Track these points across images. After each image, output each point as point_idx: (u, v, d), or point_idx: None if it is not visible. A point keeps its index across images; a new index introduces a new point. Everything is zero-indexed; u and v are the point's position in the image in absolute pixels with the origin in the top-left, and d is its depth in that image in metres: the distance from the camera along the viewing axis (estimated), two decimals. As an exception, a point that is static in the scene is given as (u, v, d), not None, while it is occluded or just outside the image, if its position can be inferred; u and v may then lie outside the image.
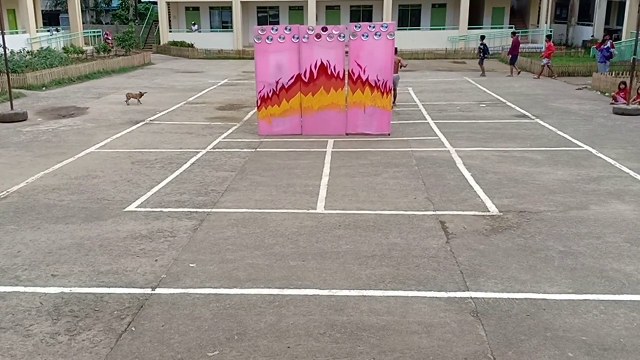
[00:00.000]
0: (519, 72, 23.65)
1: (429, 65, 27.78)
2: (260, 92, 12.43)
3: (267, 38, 12.11)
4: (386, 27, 12.03)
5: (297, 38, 12.09)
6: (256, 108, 12.85)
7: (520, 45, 24.89)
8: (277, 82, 12.28)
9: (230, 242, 6.79)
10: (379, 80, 12.13)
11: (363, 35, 11.94)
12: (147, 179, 9.40)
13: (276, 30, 12.23)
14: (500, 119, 14.35)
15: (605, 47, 20.87)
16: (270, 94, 12.38)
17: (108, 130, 13.34)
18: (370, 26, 12.09)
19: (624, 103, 15.48)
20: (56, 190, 8.83)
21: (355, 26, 12.13)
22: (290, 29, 12.22)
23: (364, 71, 12.10)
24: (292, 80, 12.27)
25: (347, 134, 12.45)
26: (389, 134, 12.40)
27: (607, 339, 4.74)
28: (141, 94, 20.37)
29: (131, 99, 19.90)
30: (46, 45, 29.17)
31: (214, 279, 5.85)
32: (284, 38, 12.10)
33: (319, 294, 5.51)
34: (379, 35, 11.92)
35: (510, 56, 24.17)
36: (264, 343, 4.72)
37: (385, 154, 10.88)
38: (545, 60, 22.67)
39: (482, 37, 25.05)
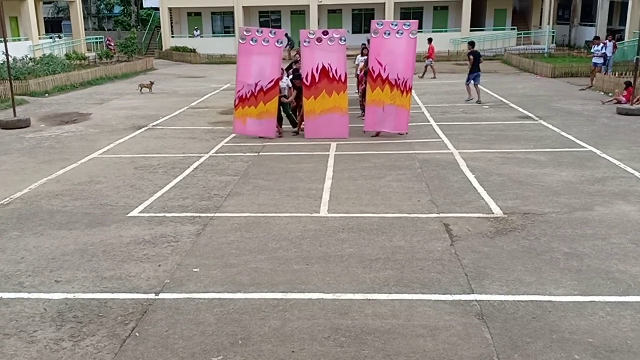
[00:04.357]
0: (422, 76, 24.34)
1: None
2: (239, 92, 12.50)
3: (252, 40, 12.18)
4: (409, 25, 11.98)
5: (282, 43, 12.22)
6: (234, 107, 12.86)
7: (526, 47, 24.91)
8: (256, 85, 12.28)
9: (234, 246, 6.77)
10: (399, 79, 12.05)
11: (385, 34, 11.90)
12: (150, 184, 9.40)
13: (261, 32, 12.28)
14: (504, 120, 14.31)
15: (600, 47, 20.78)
16: (248, 95, 12.40)
17: (111, 136, 13.36)
18: (392, 24, 12.05)
19: (617, 101, 15.71)
20: (59, 197, 8.84)
21: (378, 24, 12.11)
22: (275, 33, 12.28)
23: (385, 69, 12.02)
24: (272, 84, 12.26)
25: (364, 132, 12.45)
26: (406, 134, 12.37)
27: (613, 341, 4.70)
28: (152, 83, 20.77)
29: (144, 88, 20.31)
30: (49, 52, 29.25)
31: (217, 283, 5.83)
32: (268, 41, 12.14)
33: (324, 298, 5.49)
34: (402, 33, 11.87)
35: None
36: (268, 348, 4.70)
37: (389, 156, 10.86)
38: (428, 61, 24.02)
39: (364, 45, 25.33)
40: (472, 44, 18.05)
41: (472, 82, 17.18)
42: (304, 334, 4.88)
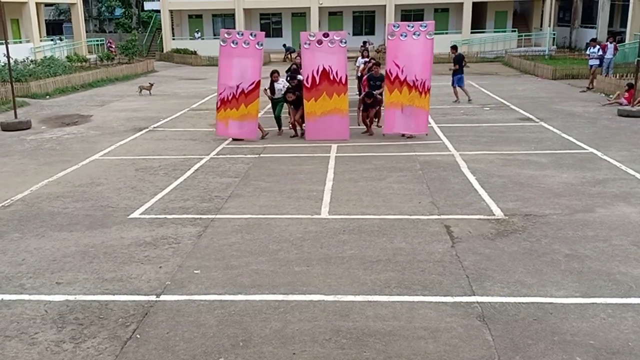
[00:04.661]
0: None
1: (432, 70, 27.74)
2: (220, 94, 12.55)
3: (232, 42, 12.26)
4: (425, 26, 12.00)
5: (262, 45, 12.27)
6: (216, 109, 12.90)
7: (527, 49, 25.05)
8: (237, 87, 12.34)
9: (235, 248, 6.77)
10: (417, 80, 12.06)
11: (401, 35, 11.90)
12: (151, 185, 9.41)
13: (242, 35, 12.39)
14: (505, 122, 14.31)
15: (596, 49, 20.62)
16: (229, 97, 12.44)
17: (112, 138, 13.37)
18: (409, 26, 12.07)
19: (617, 103, 15.73)
20: (60, 198, 8.84)
21: (394, 26, 12.12)
22: (255, 35, 12.34)
23: (402, 71, 12.02)
24: (253, 86, 12.32)
25: (383, 135, 12.41)
26: (426, 134, 12.34)
27: (615, 342, 4.69)
28: (151, 85, 21.07)
29: (144, 90, 20.61)
30: (50, 54, 29.31)
31: (218, 285, 5.83)
32: (248, 44, 12.23)
33: (324, 299, 5.49)
34: (418, 34, 11.89)
35: None
36: (269, 349, 4.70)
37: (389, 158, 10.86)
38: None
39: (363, 47, 24.16)
40: (454, 48, 18.33)
41: (456, 83, 17.56)
42: (305, 336, 4.88)
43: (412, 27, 12.01)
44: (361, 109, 13.01)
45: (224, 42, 12.33)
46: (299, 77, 13.27)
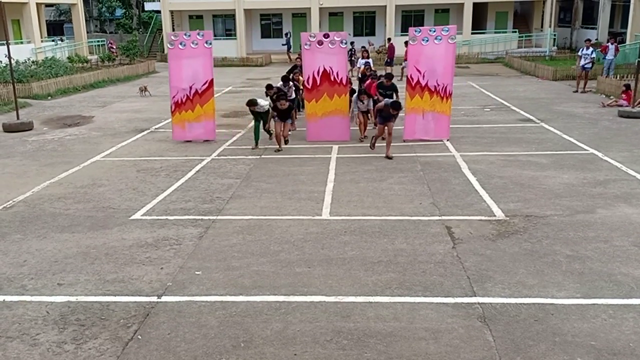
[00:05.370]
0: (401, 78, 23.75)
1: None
2: (174, 97, 12.61)
3: (180, 44, 12.30)
4: (447, 30, 11.91)
5: (210, 44, 12.32)
6: (171, 113, 12.95)
7: (527, 49, 25.80)
8: (190, 88, 12.41)
9: (236, 249, 6.78)
10: (438, 85, 11.96)
11: (423, 40, 11.82)
12: (152, 187, 9.42)
13: (189, 36, 12.44)
14: (505, 123, 14.32)
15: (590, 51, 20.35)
16: (183, 99, 12.52)
17: (113, 139, 13.38)
18: (430, 30, 11.98)
19: (615, 105, 15.77)
20: (62, 199, 8.86)
21: (415, 31, 12.04)
22: (203, 35, 12.39)
23: (423, 76, 11.93)
24: (206, 85, 12.39)
25: (404, 141, 12.21)
26: (448, 139, 12.30)
27: (616, 343, 4.70)
28: (145, 87, 21.67)
29: (144, 92, 20.87)
30: (51, 55, 29.33)
31: (219, 286, 5.84)
32: (197, 44, 12.30)
33: (325, 300, 5.50)
34: (440, 39, 11.80)
35: (387, 59, 25.28)
36: (270, 350, 4.71)
37: (390, 159, 10.86)
38: (405, 63, 23.35)
39: (363, 47, 23.34)
40: None
41: None
42: (306, 337, 4.89)
43: (434, 31, 11.91)
44: (378, 120, 11.06)
45: (172, 45, 12.40)
46: (291, 83, 13.42)
